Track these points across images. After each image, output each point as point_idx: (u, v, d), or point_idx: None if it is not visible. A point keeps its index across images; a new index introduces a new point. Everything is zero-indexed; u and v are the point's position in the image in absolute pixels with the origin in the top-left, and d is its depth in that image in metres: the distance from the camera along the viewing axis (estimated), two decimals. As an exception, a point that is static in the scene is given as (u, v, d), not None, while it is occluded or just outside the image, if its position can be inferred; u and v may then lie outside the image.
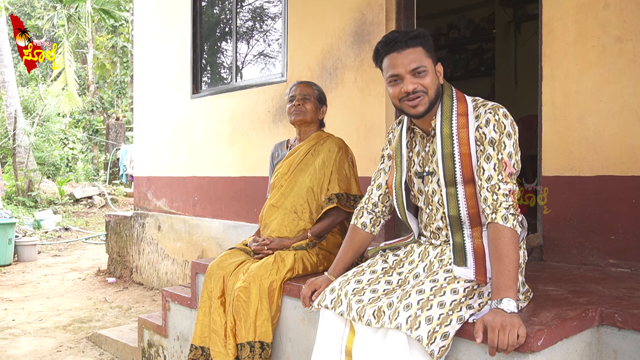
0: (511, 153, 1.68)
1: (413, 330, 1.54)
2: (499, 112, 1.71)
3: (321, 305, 1.85)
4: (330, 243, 2.58)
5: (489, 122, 1.70)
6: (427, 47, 1.76)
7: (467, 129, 1.73)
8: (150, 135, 5.95)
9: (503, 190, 1.65)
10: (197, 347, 2.42)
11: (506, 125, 1.70)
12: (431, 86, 1.75)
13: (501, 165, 1.67)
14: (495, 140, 1.69)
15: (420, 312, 1.57)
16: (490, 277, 1.65)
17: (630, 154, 2.52)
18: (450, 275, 1.69)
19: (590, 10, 2.64)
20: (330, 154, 2.58)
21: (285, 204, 2.57)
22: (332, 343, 1.80)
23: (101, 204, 12.53)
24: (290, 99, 2.66)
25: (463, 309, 1.63)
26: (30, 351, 3.81)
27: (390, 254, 1.97)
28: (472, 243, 1.72)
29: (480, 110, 1.73)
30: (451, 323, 1.59)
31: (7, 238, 7.20)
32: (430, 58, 1.76)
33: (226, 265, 2.46)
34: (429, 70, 1.75)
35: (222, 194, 4.91)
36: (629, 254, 2.52)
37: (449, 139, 1.74)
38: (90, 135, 16.94)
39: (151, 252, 5.79)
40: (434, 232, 1.88)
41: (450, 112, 1.76)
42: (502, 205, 1.64)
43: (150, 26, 6.00)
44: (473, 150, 1.72)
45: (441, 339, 1.56)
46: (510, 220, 1.63)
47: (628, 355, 1.74)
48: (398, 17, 3.55)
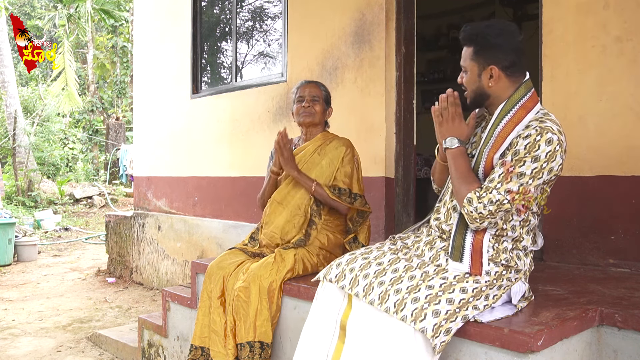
0: (524, 174, 1.67)
1: (417, 322, 1.57)
2: (545, 135, 1.67)
3: (326, 279, 1.88)
4: (331, 243, 2.57)
5: (528, 137, 1.68)
6: (478, 47, 1.79)
7: (507, 137, 1.72)
8: (150, 135, 5.95)
9: (492, 196, 1.67)
10: (197, 347, 2.42)
11: (539, 148, 1.66)
12: (469, 85, 1.83)
13: (507, 177, 1.68)
14: (518, 154, 1.68)
15: (428, 305, 1.60)
16: (485, 270, 1.71)
17: (630, 154, 2.52)
18: (460, 274, 1.71)
19: (590, 10, 2.64)
20: (338, 152, 2.60)
21: (291, 202, 2.57)
22: (327, 316, 1.82)
23: (101, 204, 12.53)
24: (299, 99, 2.66)
25: (470, 309, 1.64)
26: (30, 351, 3.80)
27: (399, 240, 2.00)
28: (473, 238, 1.75)
29: (533, 122, 1.72)
30: (456, 320, 1.61)
31: (7, 238, 7.20)
32: (475, 61, 1.80)
33: (226, 265, 2.46)
34: (469, 71, 1.82)
35: (222, 194, 4.91)
36: (629, 254, 2.52)
37: (489, 138, 1.77)
38: (90, 135, 16.95)
39: (151, 252, 5.79)
40: (449, 211, 1.87)
41: (504, 115, 1.76)
42: (480, 204, 1.67)
43: (150, 26, 6.00)
44: (497, 156, 1.73)
45: (444, 334, 1.58)
46: (467, 205, 1.69)
47: (628, 355, 1.74)
48: (398, 17, 3.55)
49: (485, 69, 1.78)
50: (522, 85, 1.79)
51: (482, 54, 1.78)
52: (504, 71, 1.77)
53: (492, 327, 1.61)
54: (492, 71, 1.77)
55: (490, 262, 1.73)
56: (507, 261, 1.76)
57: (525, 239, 1.81)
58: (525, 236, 1.80)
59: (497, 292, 1.72)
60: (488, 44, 1.77)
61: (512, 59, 1.77)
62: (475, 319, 1.65)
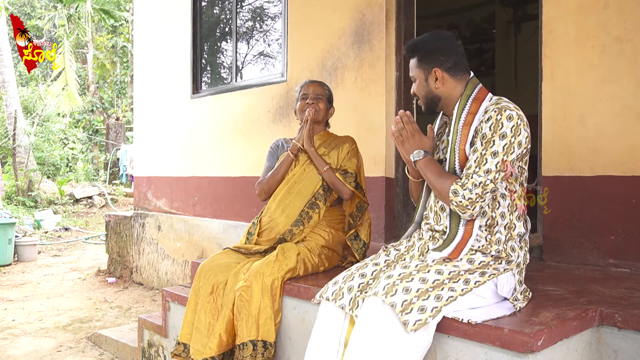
0: (496, 152, 1.74)
1: (388, 296, 1.63)
2: (504, 113, 1.76)
3: (322, 297, 1.90)
4: (334, 240, 2.59)
5: (490, 119, 1.78)
6: (420, 55, 1.93)
7: (470, 127, 1.82)
8: (150, 135, 5.95)
9: (474, 180, 1.74)
10: (180, 343, 2.44)
11: (503, 126, 1.75)
12: (419, 92, 1.96)
13: (482, 160, 1.75)
14: (486, 136, 1.76)
15: (400, 282, 1.66)
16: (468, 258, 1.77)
17: (630, 154, 2.52)
18: (439, 259, 1.77)
19: (590, 10, 2.64)
20: (344, 146, 2.67)
21: (297, 189, 2.59)
22: (331, 334, 1.83)
23: (101, 204, 12.53)
24: (303, 96, 2.70)
25: (445, 290, 1.67)
26: (30, 351, 3.81)
27: (392, 249, 2.02)
28: (464, 230, 1.80)
29: (490, 107, 1.81)
30: (429, 298, 1.63)
31: (7, 238, 7.20)
32: (420, 68, 1.93)
33: (214, 265, 2.44)
34: (417, 79, 1.96)
35: (222, 194, 4.91)
36: (629, 254, 2.52)
37: (455, 134, 1.85)
38: (90, 135, 16.94)
39: (151, 252, 5.79)
40: (437, 213, 1.92)
41: (461, 110, 1.86)
42: (465, 191, 1.73)
43: (150, 26, 6.00)
44: (468, 147, 1.81)
45: (418, 312, 1.60)
46: (453, 197, 1.75)
47: (628, 355, 1.75)
48: (398, 17, 3.55)
49: (429, 72, 1.91)
50: (469, 82, 1.91)
51: (425, 60, 1.92)
52: (447, 72, 1.90)
53: (492, 327, 1.61)
54: (436, 73, 1.90)
55: (478, 252, 1.78)
56: (499, 252, 1.79)
57: (518, 226, 1.84)
58: (516, 222, 1.83)
59: (479, 279, 1.73)
60: (428, 50, 1.91)
61: (454, 60, 1.90)
62: (469, 320, 1.64)
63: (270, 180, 2.67)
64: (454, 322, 1.67)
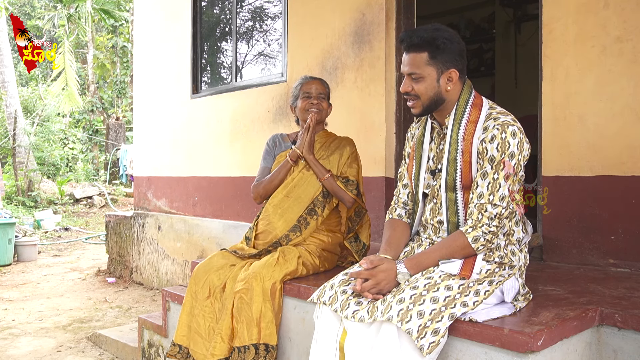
0: (509, 174, 1.69)
1: (404, 322, 1.56)
2: (507, 130, 1.70)
3: (320, 300, 1.86)
4: (333, 242, 2.57)
5: (494, 139, 1.70)
6: (436, 53, 1.75)
7: (473, 137, 1.74)
8: (150, 135, 5.95)
9: (489, 213, 1.69)
10: (176, 345, 2.41)
11: (510, 145, 1.69)
12: (425, 93, 1.78)
13: (495, 185, 1.69)
14: (495, 159, 1.70)
15: (412, 306, 1.58)
16: (476, 272, 1.69)
17: (630, 154, 2.52)
18: (445, 273, 1.70)
19: (590, 10, 2.64)
20: (345, 150, 2.62)
21: (296, 194, 2.54)
22: (328, 338, 1.81)
23: (101, 204, 12.53)
24: (305, 95, 2.63)
25: (457, 306, 1.63)
26: (30, 351, 3.81)
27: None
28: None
29: (489, 123, 1.73)
30: (442, 319, 1.59)
31: (7, 238, 7.20)
32: (433, 66, 1.75)
33: (210, 268, 2.42)
34: (426, 78, 1.77)
35: (222, 194, 4.91)
36: (629, 254, 2.52)
37: (455, 144, 1.77)
38: (90, 135, 16.94)
39: (151, 252, 5.79)
40: (435, 226, 1.88)
41: (461, 117, 1.77)
42: (482, 228, 1.68)
43: (150, 26, 6.00)
44: (474, 159, 1.73)
45: (431, 335, 1.56)
46: (477, 244, 1.69)
47: (628, 355, 1.74)
48: (398, 17, 3.55)
49: (444, 72, 1.76)
50: (465, 85, 1.82)
51: (441, 58, 1.75)
52: (459, 74, 1.79)
53: (492, 327, 1.61)
54: (451, 74, 1.77)
55: (483, 261, 1.74)
56: (501, 258, 1.76)
57: (516, 231, 1.81)
58: (515, 228, 1.81)
59: (488, 288, 1.70)
60: (445, 48, 1.74)
61: (464, 62, 1.80)
62: (470, 318, 1.64)
63: (267, 185, 2.63)
64: (454, 322, 1.66)
